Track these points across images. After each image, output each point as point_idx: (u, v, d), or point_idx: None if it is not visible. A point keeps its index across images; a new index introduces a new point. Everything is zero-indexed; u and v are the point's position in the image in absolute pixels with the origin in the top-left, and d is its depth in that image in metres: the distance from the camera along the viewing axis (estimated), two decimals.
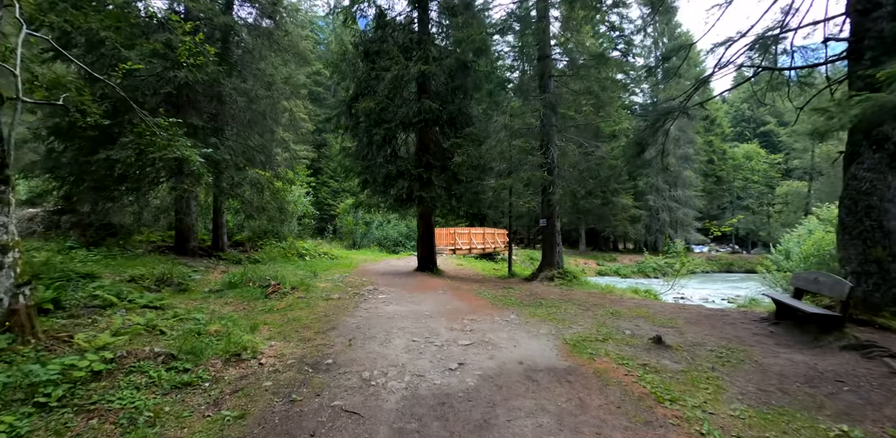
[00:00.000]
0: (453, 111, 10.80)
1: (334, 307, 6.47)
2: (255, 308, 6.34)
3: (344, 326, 5.33)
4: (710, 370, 4.25)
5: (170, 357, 3.68)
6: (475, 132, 10.04)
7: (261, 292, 7.06)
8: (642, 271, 25.40)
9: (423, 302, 7.20)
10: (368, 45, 11.37)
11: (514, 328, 5.56)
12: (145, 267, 7.77)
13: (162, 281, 7.43)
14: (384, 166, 10.71)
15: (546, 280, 10.82)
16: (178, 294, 7.09)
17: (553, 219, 11.32)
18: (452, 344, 4.66)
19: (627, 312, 7.09)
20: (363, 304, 6.78)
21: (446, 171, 10.90)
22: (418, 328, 5.36)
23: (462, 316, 6.15)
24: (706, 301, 15.35)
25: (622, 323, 6.24)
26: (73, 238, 8.93)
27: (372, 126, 10.75)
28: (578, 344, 4.85)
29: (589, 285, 11.06)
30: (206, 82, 9.55)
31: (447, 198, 11.08)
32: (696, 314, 7.29)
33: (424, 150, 11.00)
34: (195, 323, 4.98)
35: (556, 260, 11.35)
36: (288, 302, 6.61)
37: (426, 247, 11.82)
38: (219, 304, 6.48)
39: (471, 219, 11.54)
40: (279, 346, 4.46)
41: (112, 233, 11.61)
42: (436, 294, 8.20)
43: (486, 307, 7.08)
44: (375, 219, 22.97)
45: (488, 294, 8.53)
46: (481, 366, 3.96)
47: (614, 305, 7.82)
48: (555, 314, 6.66)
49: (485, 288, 9.58)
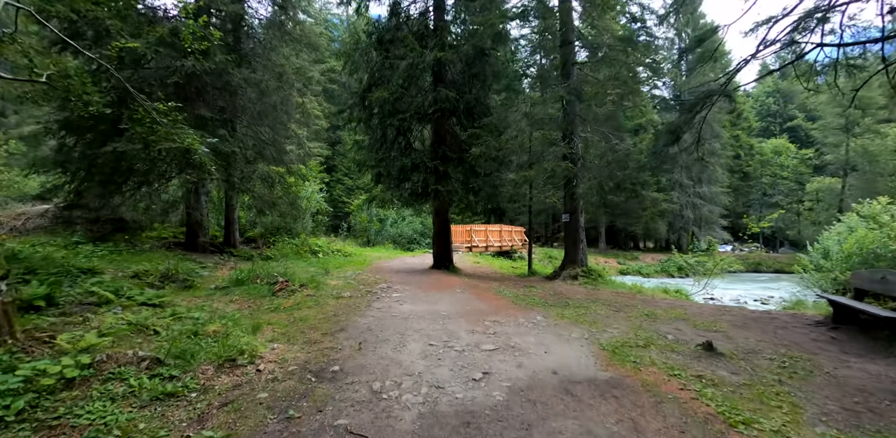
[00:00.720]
0: (470, 100, 10.25)
1: (345, 306, 6.01)
2: (260, 306, 5.92)
3: (354, 327, 4.86)
4: (777, 383, 3.63)
5: (156, 362, 3.24)
6: (494, 122, 9.47)
7: (268, 289, 6.65)
8: (665, 270, 24.43)
9: (440, 302, 6.69)
10: (382, 34, 10.91)
11: (542, 331, 5.00)
12: (150, 263, 7.44)
13: (166, 278, 7.09)
14: (398, 159, 10.24)
15: (569, 278, 10.20)
16: (183, 291, 6.73)
17: (577, 215, 10.68)
18: (475, 349, 4.13)
19: (663, 314, 6.46)
20: (376, 303, 6.31)
21: (463, 164, 10.37)
22: (436, 330, 4.85)
23: (483, 318, 5.61)
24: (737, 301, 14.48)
25: (661, 326, 5.62)
26: (79, 233, 8.68)
27: (386, 117, 10.28)
28: (618, 350, 4.27)
29: (615, 284, 10.40)
30: (215, 72, 9.21)
31: (464, 193, 10.54)
32: (740, 316, 6.61)
33: (440, 142, 10.48)
34: (193, 323, 4.57)
35: (580, 257, 10.70)
36: (296, 301, 6.18)
37: (442, 244, 11.31)
38: (223, 302, 6.08)
39: (489, 215, 11.00)
40: (281, 349, 4.00)
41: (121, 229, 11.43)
42: (453, 292, 7.69)
43: (509, 307, 6.53)
44: (390, 216, 22.56)
45: (509, 293, 7.98)
46: (509, 376, 3.43)
47: (647, 306, 7.19)
48: (584, 315, 6.07)
49: (505, 286, 9.02)
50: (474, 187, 10.02)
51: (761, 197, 36.75)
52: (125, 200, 8.94)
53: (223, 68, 9.27)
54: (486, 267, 13.88)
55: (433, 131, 10.72)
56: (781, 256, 30.29)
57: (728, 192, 31.05)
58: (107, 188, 8.60)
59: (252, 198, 10.41)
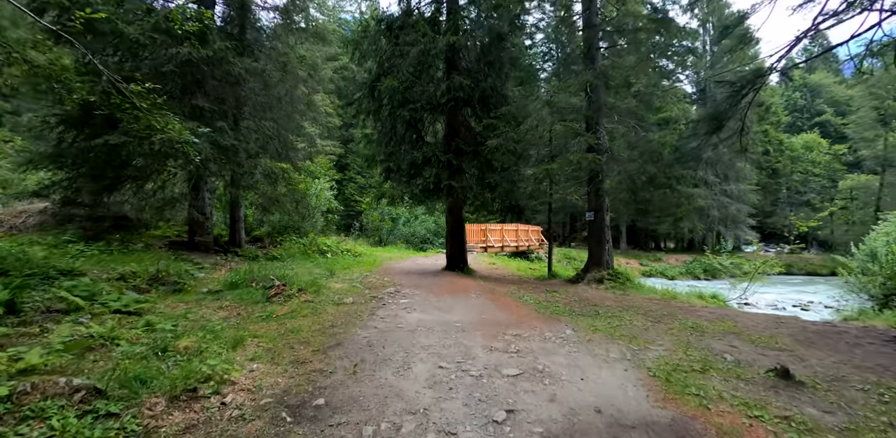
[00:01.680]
0: (486, 89, 9.47)
1: (345, 314, 5.32)
2: (251, 314, 5.27)
3: (352, 342, 4.15)
4: (890, 427, 2.80)
5: (94, 393, 2.58)
6: (512, 111, 8.68)
7: (262, 294, 6.01)
8: (691, 272, 23.19)
9: (452, 309, 5.95)
10: (392, 20, 10.21)
11: (574, 348, 4.22)
12: (141, 264, 6.89)
13: (155, 280, 6.52)
14: (409, 153, 9.52)
15: (594, 282, 9.35)
16: (171, 295, 6.14)
17: (602, 212, 9.81)
18: (495, 374, 3.38)
19: (710, 326, 5.60)
20: (380, 311, 5.60)
21: (478, 158, 9.59)
22: (447, 346, 4.11)
23: (503, 330, 4.85)
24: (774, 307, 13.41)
25: (712, 342, 4.77)
26: (71, 231, 8.21)
27: (395, 108, 9.57)
28: (671, 377, 3.47)
29: (645, 289, 9.50)
30: (213, 61, 8.64)
31: (479, 189, 9.77)
32: (799, 329, 5.70)
33: (454, 134, 9.73)
34: (164, 336, 3.93)
35: (606, 259, 9.83)
36: (291, 308, 5.51)
37: (456, 244, 10.57)
38: (211, 308, 5.46)
39: (505, 213, 10.20)
40: (261, 371, 3.32)
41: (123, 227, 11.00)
42: (468, 298, 6.94)
43: (531, 316, 5.75)
44: (402, 215, 21.91)
45: (530, 299, 7.19)
46: (541, 416, 2.67)
47: (688, 316, 6.32)
48: (620, 328, 5.26)
49: (524, 291, 8.23)
50: (490, 183, 9.25)
51: (792, 195, 34.92)
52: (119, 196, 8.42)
53: (222, 57, 8.70)
54: (503, 268, 13.09)
55: (446, 123, 9.97)
56: (814, 258, 28.59)
57: (756, 190, 29.47)
58: (99, 183, 8.11)
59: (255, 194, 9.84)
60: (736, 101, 6.89)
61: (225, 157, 8.37)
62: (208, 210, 11.32)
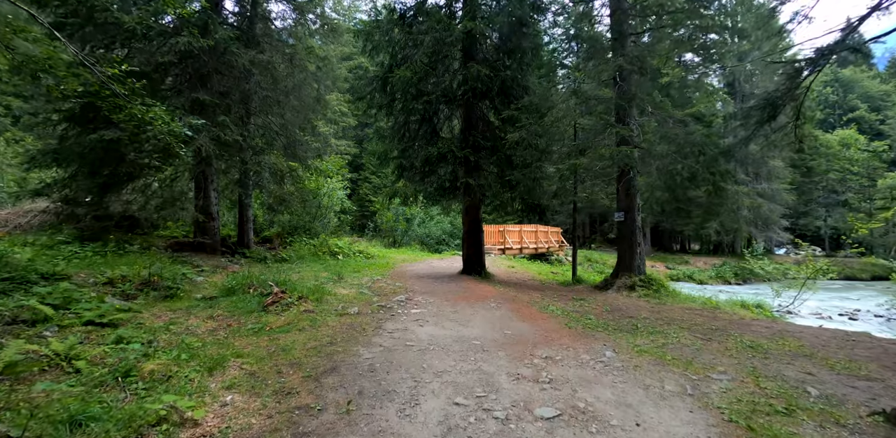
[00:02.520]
0: (506, 79, 8.74)
1: (347, 328, 4.67)
2: (242, 325, 4.68)
3: (351, 366, 3.50)
4: None
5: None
6: (535, 102, 7.93)
7: (258, 302, 5.42)
8: (721, 276, 21.91)
9: (470, 322, 5.25)
10: (405, 8, 9.59)
11: (619, 377, 3.47)
12: (134, 267, 6.39)
13: (147, 285, 6.00)
14: (423, 148, 8.87)
15: (625, 289, 8.52)
16: (161, 301, 5.61)
17: (633, 213, 8.96)
18: (525, 416, 2.67)
19: (772, 345, 4.76)
20: (388, 324, 4.93)
21: (497, 154, 8.88)
22: (465, 373, 3.42)
23: (530, 350, 4.13)
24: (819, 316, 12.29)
25: (783, 368, 3.95)
26: (66, 231, 7.82)
27: (409, 101, 8.94)
28: (752, 422, 2.70)
29: (681, 297, 8.62)
30: (215, 52, 8.16)
31: (499, 187, 9.05)
32: (880, 350, 4.81)
33: (471, 129, 9.04)
34: (132, 355, 3.35)
35: (637, 264, 8.97)
36: (288, 319, 4.90)
37: (473, 246, 9.86)
38: (200, 318, 4.89)
39: (526, 214, 9.46)
40: (234, 408, 2.69)
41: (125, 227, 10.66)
42: (487, 307, 6.22)
43: (561, 331, 5.00)
44: (417, 215, 21.29)
45: (557, 309, 6.43)
46: None
47: (741, 331, 5.48)
48: (667, 347, 4.47)
49: (549, 299, 7.48)
50: (510, 180, 8.51)
51: (827, 194, 32.99)
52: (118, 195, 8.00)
53: (225, 47, 8.21)
54: (523, 272, 12.32)
55: (462, 116, 9.27)
56: (853, 261, 26.83)
57: (789, 189, 27.84)
58: (95, 181, 7.69)
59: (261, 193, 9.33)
60: (795, 84, 6.01)
61: (227, 154, 7.86)
62: (215, 210, 10.88)
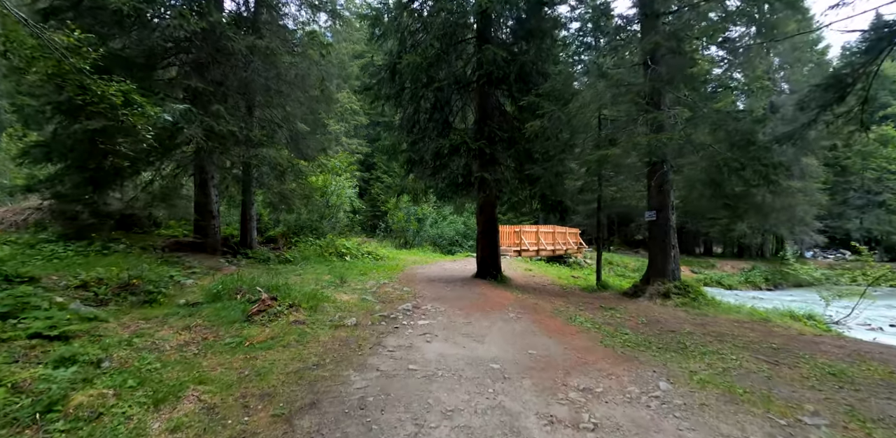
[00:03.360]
0: (526, 64, 7.93)
1: (340, 345, 3.93)
2: (220, 339, 3.99)
3: (335, 400, 2.75)
4: None
5: None
6: (559, 87, 7.11)
7: (243, 310, 4.73)
8: (751, 281, 20.62)
9: (487, 337, 4.46)
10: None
11: (684, 421, 2.64)
12: (116, 268, 5.79)
13: (126, 288, 5.38)
14: (435, 140, 8.11)
15: (658, 296, 7.61)
16: (138, 308, 4.97)
17: (667, 211, 8.06)
18: None
19: (855, 372, 3.87)
20: (390, 339, 4.18)
21: (515, 146, 8.07)
22: (482, 412, 2.64)
23: (563, 377, 3.33)
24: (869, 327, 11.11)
25: (885, 406, 3.08)
26: (51, 229, 7.30)
27: (419, 88, 8.21)
28: None
29: (722, 306, 7.67)
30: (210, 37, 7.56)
31: (517, 183, 8.24)
32: None
33: (486, 118, 8.25)
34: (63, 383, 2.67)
35: (671, 268, 8.06)
36: (273, 332, 4.19)
37: (488, 248, 9.06)
38: (175, 329, 4.22)
39: (547, 213, 8.62)
40: None
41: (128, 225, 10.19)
42: (506, 318, 5.43)
43: (596, 350, 4.18)
44: (429, 215, 20.56)
45: (585, 320, 5.59)
46: None
47: (808, 350, 4.58)
48: (732, 375, 3.62)
49: (574, 307, 6.64)
50: (530, 175, 7.69)
51: (863, 194, 31.14)
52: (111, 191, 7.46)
53: (221, 32, 7.61)
54: (541, 276, 11.46)
55: (477, 105, 8.49)
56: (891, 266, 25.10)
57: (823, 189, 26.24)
58: (82, 175, 7.16)
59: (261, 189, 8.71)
60: (870, 59, 5.08)
61: (222, 146, 7.24)
62: (216, 207, 10.33)
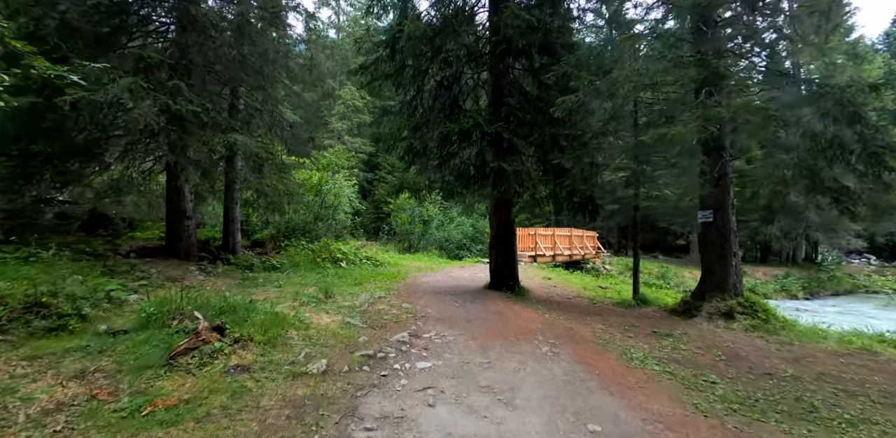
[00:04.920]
0: (551, 31, 6.50)
1: (290, 417, 2.49)
2: (115, 399, 2.59)
3: None
4: None
5: None
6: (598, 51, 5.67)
7: (168, 347, 3.32)
8: (786, 289, 18.92)
9: (518, 394, 3.00)
10: None
11: None
12: (22, 283, 4.44)
13: (33, 309, 4.04)
14: (442, 124, 6.71)
15: (719, 317, 6.10)
16: (39, 338, 3.61)
17: (726, 210, 6.56)
18: None
19: None
20: (370, 402, 2.74)
21: (539, 130, 6.62)
22: None
23: None
24: None
25: None
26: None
27: (424, 62, 6.83)
28: None
29: (799, 329, 6.12)
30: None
31: (540, 176, 6.80)
32: None
33: (502, 97, 6.83)
34: None
35: (733, 281, 6.53)
36: (196, 387, 2.78)
37: (504, 254, 7.62)
38: (62, 377, 2.85)
39: (574, 212, 7.13)
40: None
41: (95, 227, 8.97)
42: (537, 352, 3.97)
43: (697, 424, 2.70)
44: (436, 217, 19.14)
45: (644, 355, 4.11)
46: None
47: None
48: None
49: (619, 331, 5.17)
50: (558, 166, 6.25)
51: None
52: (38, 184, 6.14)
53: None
54: (563, 285, 9.96)
55: (491, 82, 7.06)
56: None
57: None
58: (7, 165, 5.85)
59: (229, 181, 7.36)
60: None
61: (181, 130, 5.88)
62: (190, 206, 9.01)
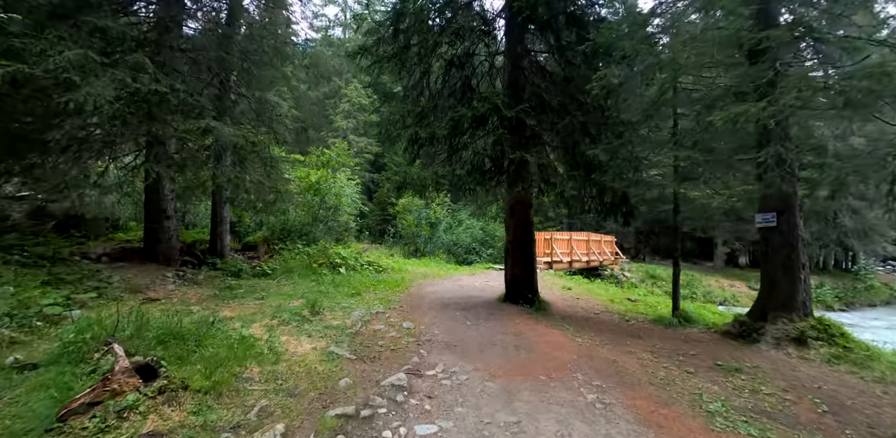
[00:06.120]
0: None
1: None
2: None
3: None
4: None
5: None
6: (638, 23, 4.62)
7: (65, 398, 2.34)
8: (821, 300, 17.58)
9: None
10: None
11: None
12: None
13: None
14: (452, 109, 5.70)
15: (789, 343, 4.98)
16: None
17: (793, 214, 5.45)
18: None
19: None
20: None
21: (566, 118, 5.59)
22: None
23: None
24: None
25: None
26: None
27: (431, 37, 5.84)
28: None
29: (886, 356, 4.99)
30: None
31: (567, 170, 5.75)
32: None
33: (520, 79, 5.82)
34: None
35: (801, 299, 5.41)
36: None
37: (522, 262, 6.57)
38: None
39: (605, 214, 6.07)
40: None
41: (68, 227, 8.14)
42: (580, 403, 2.92)
43: None
44: (444, 219, 18.11)
45: (727, 409, 3.04)
46: None
47: None
48: None
49: (674, 364, 4.09)
50: (592, 158, 5.20)
51: None
52: None
53: None
54: (586, 297, 8.85)
55: (509, 61, 6.03)
56: None
57: None
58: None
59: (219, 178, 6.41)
60: None
61: (142, 112, 4.95)
62: (170, 206, 8.13)
